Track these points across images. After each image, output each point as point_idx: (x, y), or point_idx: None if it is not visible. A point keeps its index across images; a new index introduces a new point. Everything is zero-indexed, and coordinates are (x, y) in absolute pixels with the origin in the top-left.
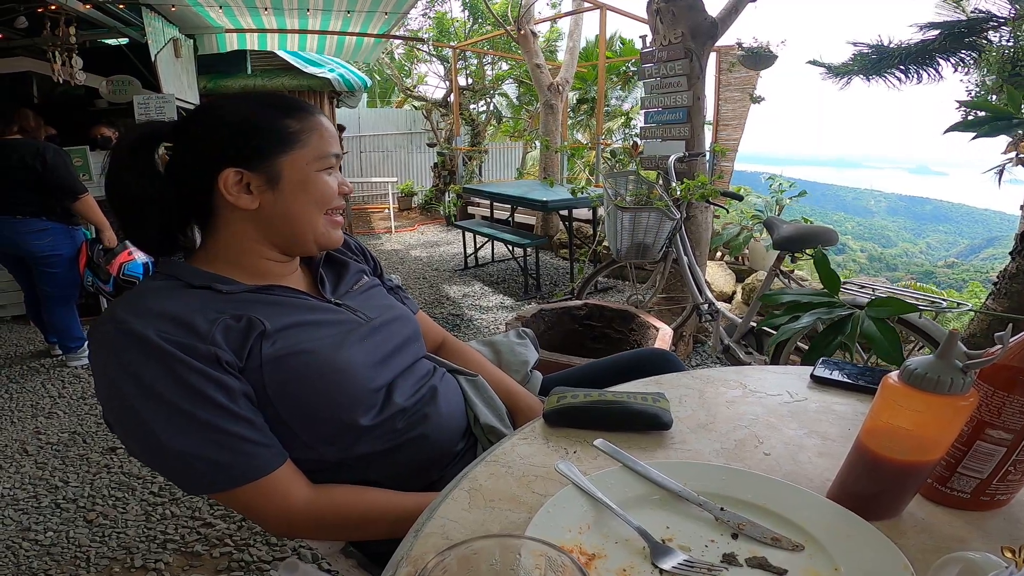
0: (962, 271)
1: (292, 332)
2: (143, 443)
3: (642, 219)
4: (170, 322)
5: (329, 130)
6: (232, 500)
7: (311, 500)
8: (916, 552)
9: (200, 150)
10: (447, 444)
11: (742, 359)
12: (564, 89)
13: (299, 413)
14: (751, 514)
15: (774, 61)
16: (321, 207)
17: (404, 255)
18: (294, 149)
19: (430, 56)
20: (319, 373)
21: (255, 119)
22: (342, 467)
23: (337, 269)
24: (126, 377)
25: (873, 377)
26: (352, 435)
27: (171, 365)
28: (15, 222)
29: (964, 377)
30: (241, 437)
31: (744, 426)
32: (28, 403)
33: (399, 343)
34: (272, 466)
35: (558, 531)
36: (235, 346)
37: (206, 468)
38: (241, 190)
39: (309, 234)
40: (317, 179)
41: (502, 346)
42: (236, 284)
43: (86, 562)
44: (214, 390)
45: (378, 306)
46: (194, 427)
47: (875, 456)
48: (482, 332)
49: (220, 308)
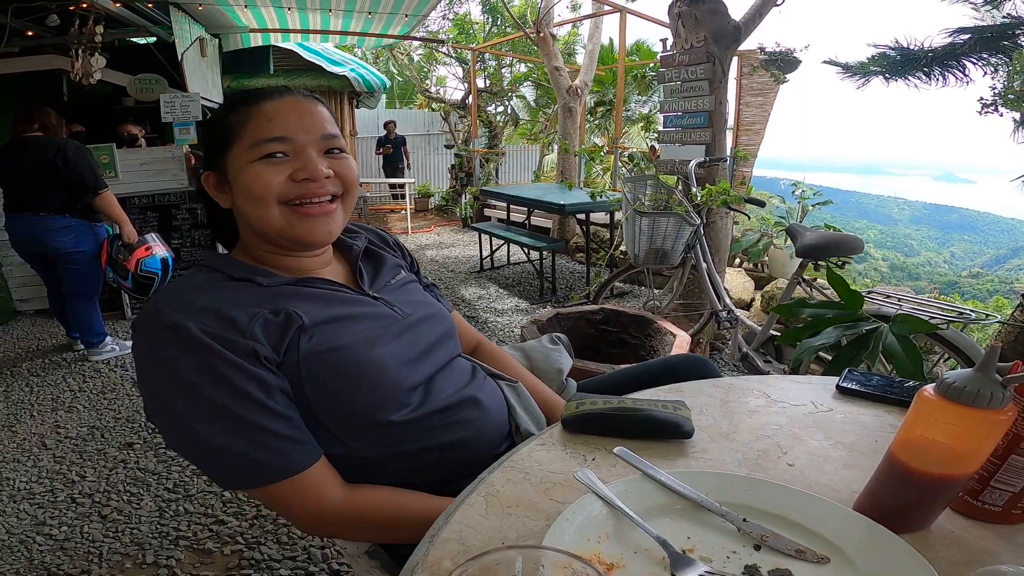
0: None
1: (329, 327)
2: (181, 436)
3: (661, 224)
4: (211, 316)
5: (271, 113)
6: (265, 496)
7: (344, 499)
8: (946, 565)
9: (203, 155)
10: (488, 448)
11: (760, 368)
12: (583, 92)
13: (332, 408)
14: (775, 525)
15: (797, 66)
16: (260, 200)
17: (420, 256)
18: (233, 145)
19: (449, 58)
20: (353, 368)
21: (212, 120)
22: (377, 466)
23: (375, 263)
24: (167, 370)
25: (901, 389)
26: (384, 432)
27: (211, 359)
28: (38, 219)
29: (1003, 392)
30: (276, 434)
31: (767, 436)
32: (49, 397)
33: (434, 340)
34: (306, 463)
35: (577, 540)
36: (273, 341)
37: (241, 464)
38: (217, 190)
39: (269, 230)
40: (248, 171)
41: (535, 352)
42: (275, 277)
43: (98, 558)
44: (252, 386)
45: (414, 302)
46: (231, 423)
47: (908, 468)
48: (497, 335)
49: (260, 302)
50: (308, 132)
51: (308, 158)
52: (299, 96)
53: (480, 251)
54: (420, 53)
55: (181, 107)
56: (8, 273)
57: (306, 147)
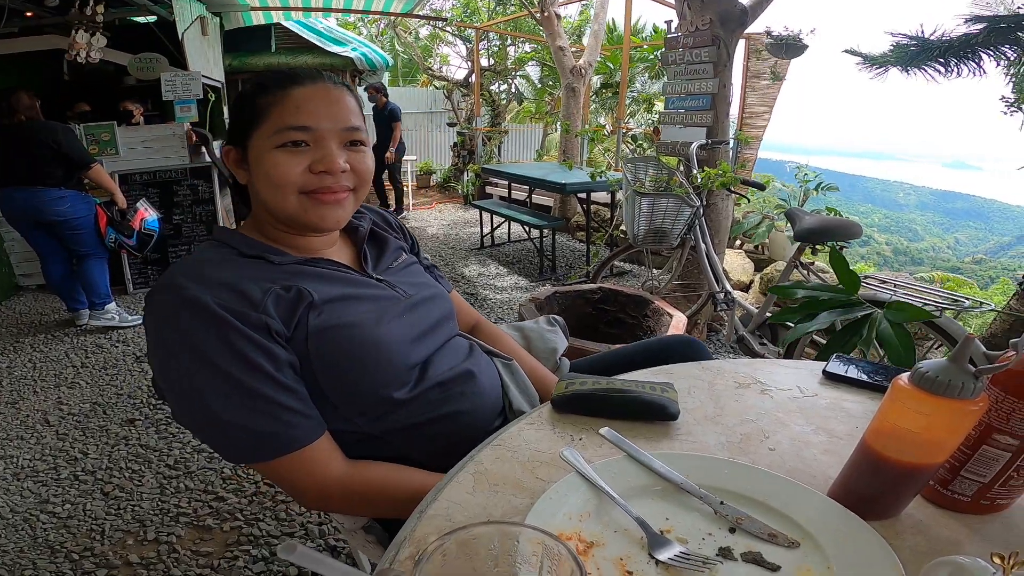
0: (989, 267)
1: (337, 305)
2: (192, 409)
3: (661, 205)
4: (226, 289)
5: (298, 100)
6: (270, 470)
7: (346, 474)
8: (910, 554)
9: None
10: (483, 423)
11: (756, 350)
12: (587, 72)
13: (338, 384)
14: (751, 509)
15: (804, 51)
16: (278, 187)
17: (421, 232)
18: (259, 125)
19: (454, 36)
20: (359, 346)
21: (241, 96)
22: (378, 441)
23: (379, 245)
24: (183, 343)
25: (887, 375)
26: (386, 408)
27: (226, 332)
28: (39, 192)
29: (975, 382)
30: (284, 406)
31: (751, 420)
32: (51, 373)
33: (435, 321)
34: (312, 437)
35: (559, 517)
36: (284, 316)
37: (249, 437)
38: (236, 166)
39: (282, 213)
40: (268, 158)
41: (532, 332)
42: (286, 255)
43: (101, 535)
44: (263, 358)
45: (416, 283)
46: (242, 395)
47: (879, 457)
48: (496, 312)
49: (272, 278)
50: (333, 122)
51: (328, 150)
52: (330, 84)
53: (481, 228)
54: (427, 31)
55: (182, 85)
56: (10, 248)
57: (328, 138)
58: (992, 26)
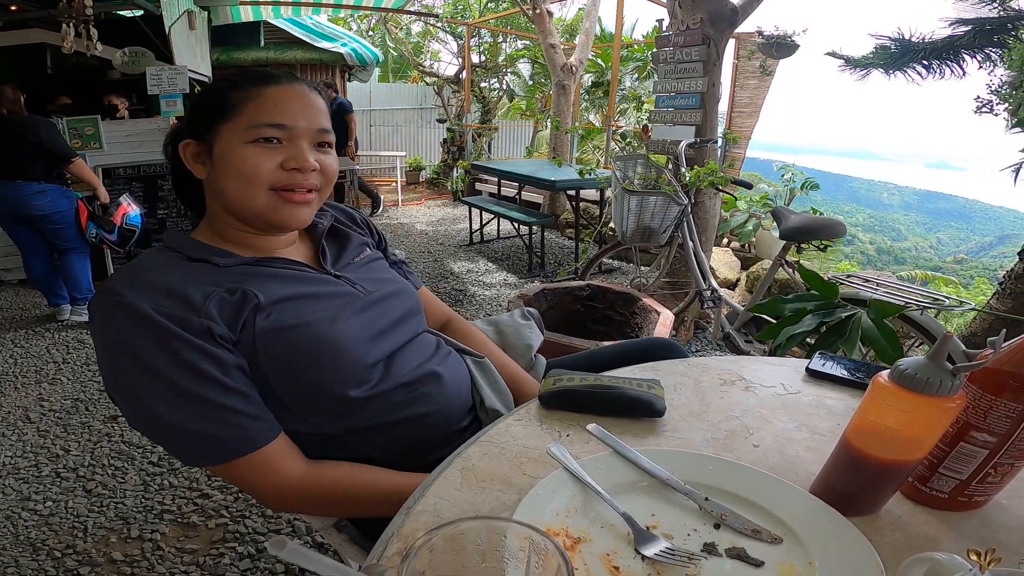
0: (971, 267)
1: (287, 305)
2: (139, 415)
3: (649, 203)
4: (166, 295)
5: (276, 98)
6: (226, 473)
7: (305, 475)
8: (889, 550)
9: (180, 122)
10: (449, 423)
11: (742, 347)
12: (577, 70)
13: (292, 385)
14: (735, 505)
15: (794, 51)
16: (248, 182)
17: (410, 229)
18: (228, 120)
19: (445, 32)
20: (314, 345)
21: (211, 91)
22: (338, 441)
23: (340, 241)
24: (123, 349)
25: (868, 373)
26: (345, 407)
27: (166, 339)
28: (19, 186)
29: (953, 379)
30: (234, 410)
31: (736, 417)
32: (32, 368)
33: (397, 318)
34: (265, 439)
35: (546, 513)
36: (228, 319)
37: (200, 441)
38: (195, 160)
39: (248, 211)
40: (240, 152)
41: (506, 327)
42: (233, 257)
43: (83, 532)
44: (208, 363)
45: (377, 280)
46: (188, 401)
47: (859, 453)
48: (484, 308)
49: (216, 281)
50: (307, 122)
51: (300, 149)
52: (304, 87)
53: (470, 225)
54: (419, 27)
55: (168, 80)
56: None
57: (301, 136)
58: (977, 28)
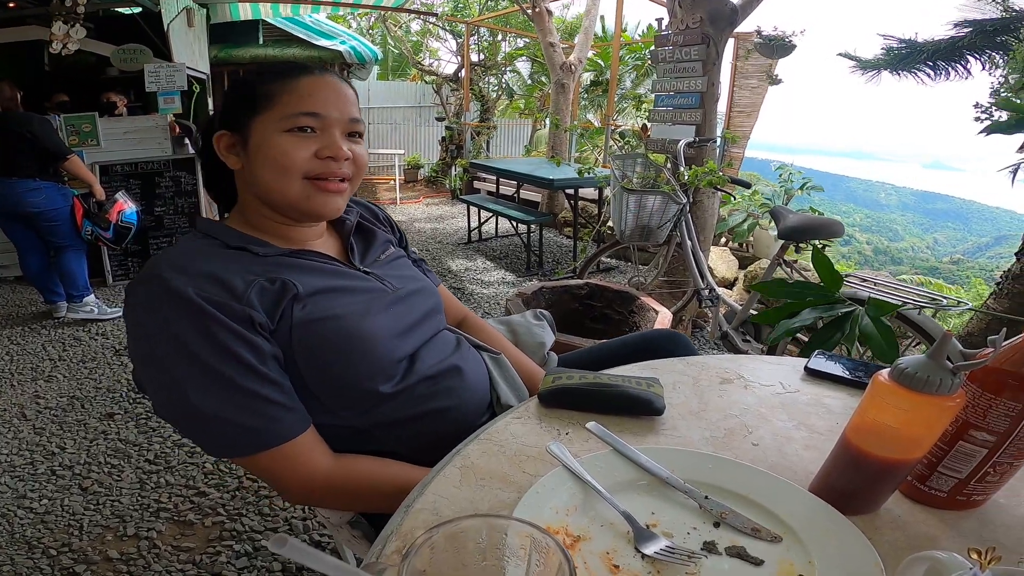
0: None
1: (322, 297)
2: (173, 402)
3: (648, 202)
4: (208, 280)
5: (309, 89)
6: (254, 464)
7: (332, 468)
8: (889, 549)
9: (213, 115)
10: (470, 418)
11: (739, 347)
12: (576, 69)
13: (322, 378)
14: (734, 503)
15: (792, 51)
16: (284, 171)
17: (408, 227)
18: (264, 111)
19: (444, 31)
20: (345, 339)
21: (244, 83)
22: (363, 435)
23: (366, 237)
24: (163, 334)
25: (867, 372)
26: (372, 401)
27: (207, 323)
28: (14, 183)
29: (953, 378)
30: (268, 400)
31: (735, 415)
32: (28, 365)
33: (422, 314)
34: (296, 431)
35: (546, 512)
36: (268, 308)
37: (232, 431)
38: (229, 151)
39: (282, 200)
40: (275, 140)
41: (519, 326)
42: (271, 247)
43: (79, 530)
44: (245, 350)
45: (403, 276)
46: (222, 387)
47: (859, 452)
48: (483, 307)
49: (256, 270)
50: (340, 112)
51: (334, 138)
52: (335, 77)
53: (468, 223)
54: (418, 26)
55: (166, 77)
56: None
57: (335, 126)
58: (979, 29)
